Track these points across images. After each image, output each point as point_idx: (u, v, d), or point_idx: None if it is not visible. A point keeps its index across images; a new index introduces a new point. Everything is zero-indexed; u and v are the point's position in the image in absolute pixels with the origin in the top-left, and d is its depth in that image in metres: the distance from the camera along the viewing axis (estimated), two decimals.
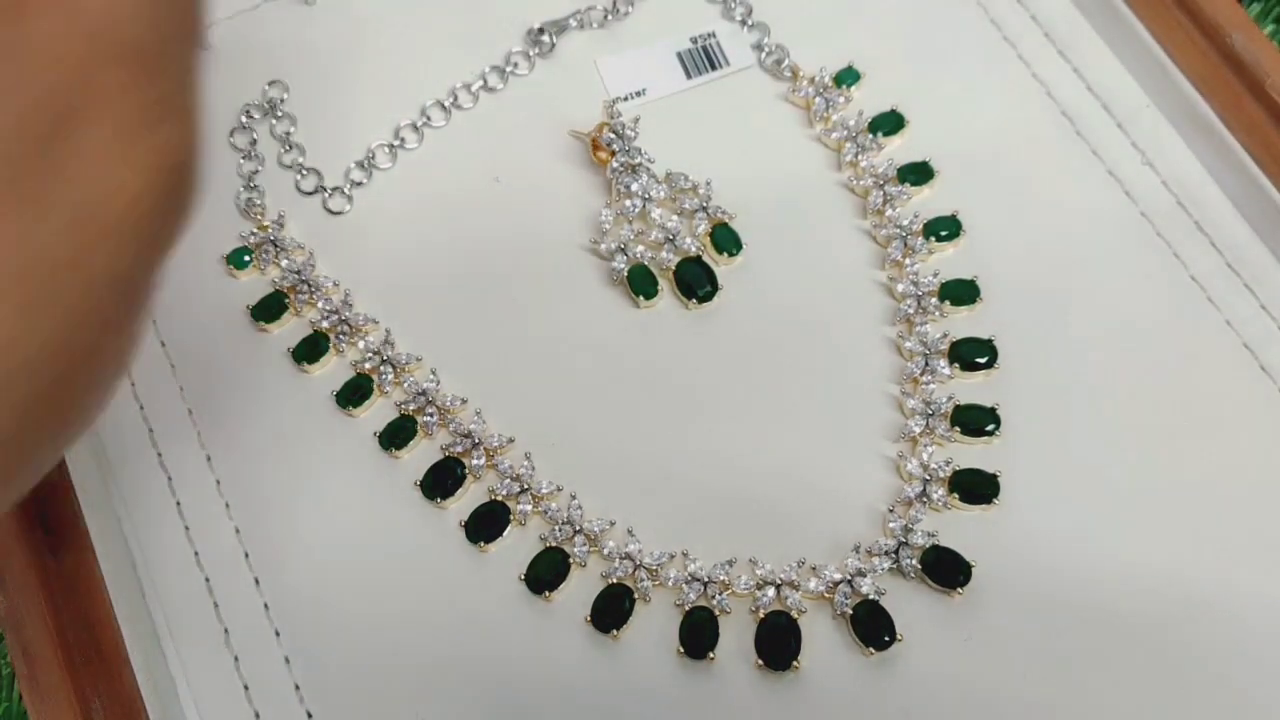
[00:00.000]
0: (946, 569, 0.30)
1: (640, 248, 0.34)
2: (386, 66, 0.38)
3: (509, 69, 0.37)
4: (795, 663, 0.29)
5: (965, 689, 0.29)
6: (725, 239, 0.34)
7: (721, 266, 0.34)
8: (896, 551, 0.30)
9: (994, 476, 0.31)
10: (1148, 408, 0.32)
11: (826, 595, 0.30)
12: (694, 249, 0.34)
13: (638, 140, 0.35)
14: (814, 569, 0.30)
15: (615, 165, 0.35)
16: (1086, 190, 0.35)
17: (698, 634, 0.29)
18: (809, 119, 0.36)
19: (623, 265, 0.34)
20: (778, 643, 0.29)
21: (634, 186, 0.34)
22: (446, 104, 0.37)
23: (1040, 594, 0.30)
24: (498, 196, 0.36)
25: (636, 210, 0.34)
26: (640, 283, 0.34)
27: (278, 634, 0.30)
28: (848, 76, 0.37)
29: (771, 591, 0.30)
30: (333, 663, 0.30)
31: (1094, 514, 0.31)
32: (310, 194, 0.36)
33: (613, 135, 0.35)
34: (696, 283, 0.33)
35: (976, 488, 0.31)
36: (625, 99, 0.37)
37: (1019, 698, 0.29)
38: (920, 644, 0.29)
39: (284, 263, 0.34)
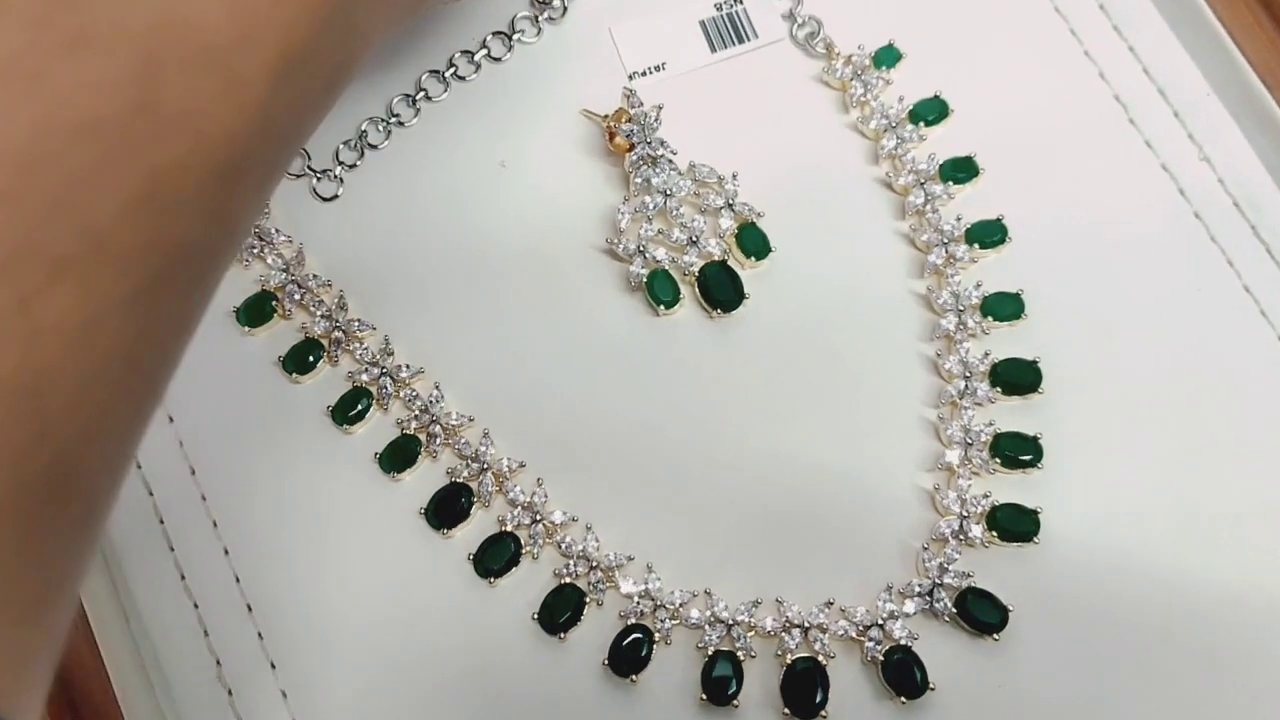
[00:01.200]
0: (982, 612, 0.28)
1: (661, 251, 0.31)
2: None
3: (514, 36, 0.34)
4: (823, 712, 0.27)
5: None
6: (753, 241, 0.31)
7: (747, 270, 0.32)
8: (930, 593, 0.28)
9: (1035, 512, 0.29)
10: (1198, 433, 0.30)
11: (856, 639, 0.28)
12: (718, 252, 0.31)
13: (659, 130, 0.32)
14: (843, 610, 0.28)
15: (634, 157, 0.32)
16: (1138, 186, 0.33)
17: (721, 679, 0.28)
18: (845, 103, 0.33)
19: (641, 270, 0.31)
20: (804, 690, 0.28)
21: (655, 181, 0.32)
22: (445, 74, 0.34)
23: (1081, 639, 0.28)
24: (504, 183, 0.33)
25: (657, 208, 0.32)
26: (660, 290, 0.31)
27: (273, 666, 0.29)
28: (888, 56, 0.33)
29: (798, 635, 0.28)
30: (331, 699, 0.28)
31: (1141, 552, 0.29)
32: (297, 177, 0.33)
33: (634, 126, 0.32)
34: (721, 291, 0.31)
35: (1016, 524, 0.29)
36: (643, 74, 0.33)
37: None
38: (954, 692, 0.28)
39: (270, 258, 0.31)
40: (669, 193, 0.32)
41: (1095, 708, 0.28)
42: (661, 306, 0.31)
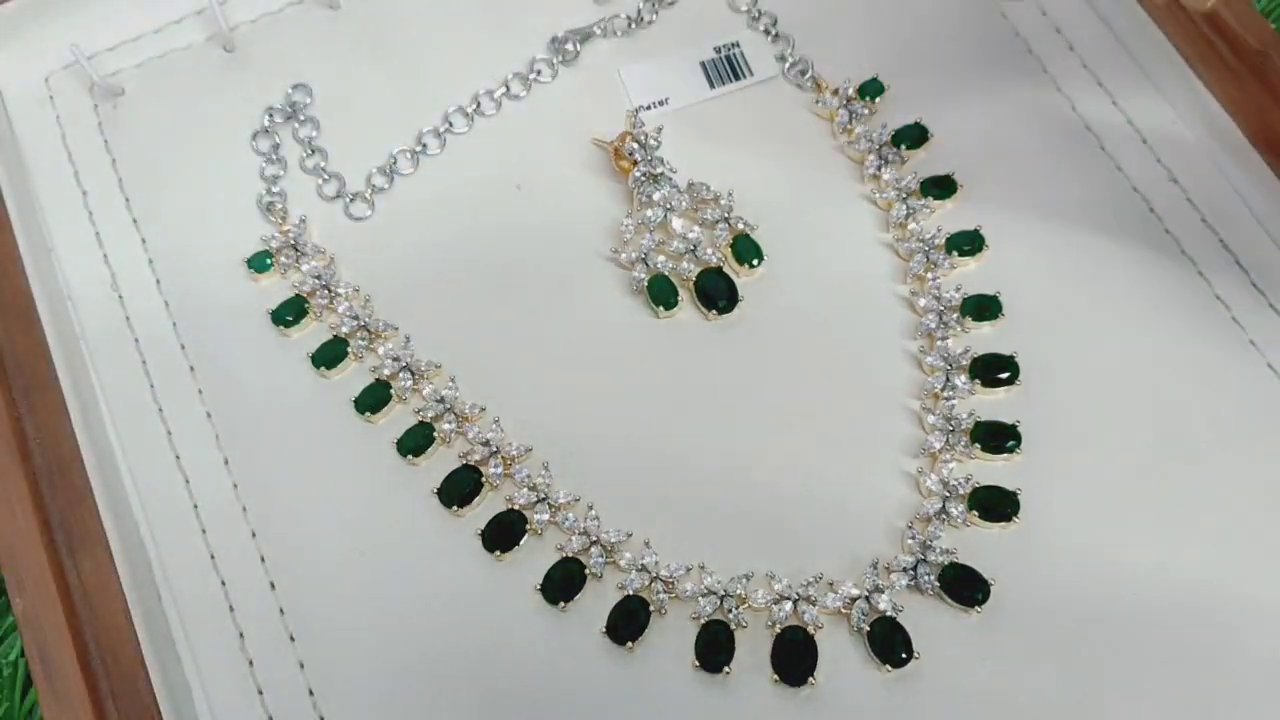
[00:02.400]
0: (965, 586, 0.29)
1: (661, 258, 0.34)
2: (410, 72, 0.38)
3: (532, 76, 0.37)
4: (811, 678, 0.29)
5: (983, 708, 0.28)
6: (747, 250, 0.34)
7: (742, 278, 0.34)
8: (914, 568, 0.30)
9: (1014, 494, 0.31)
10: (1170, 425, 0.32)
11: (844, 611, 0.30)
12: (715, 260, 0.34)
13: (660, 150, 0.35)
14: (831, 584, 0.30)
15: (637, 174, 0.35)
16: (1111, 206, 0.35)
17: (713, 648, 0.29)
18: (832, 131, 0.36)
19: (643, 275, 0.34)
20: (794, 658, 0.29)
21: (656, 196, 0.34)
22: (469, 110, 0.37)
23: (1060, 612, 0.29)
24: (519, 204, 0.36)
25: (658, 220, 0.34)
26: (660, 293, 0.33)
27: (293, 639, 0.30)
28: (872, 88, 0.36)
29: (788, 606, 0.30)
30: (347, 668, 0.30)
31: (1115, 532, 0.30)
32: (332, 199, 0.36)
33: (635, 145, 0.35)
34: (717, 293, 0.33)
35: (996, 505, 0.30)
36: (648, 108, 0.37)
37: (1037, 718, 0.28)
38: (937, 662, 0.29)
39: (305, 267, 0.34)
40: (669, 207, 0.34)
41: (1074, 677, 0.29)
42: (661, 308, 0.33)
